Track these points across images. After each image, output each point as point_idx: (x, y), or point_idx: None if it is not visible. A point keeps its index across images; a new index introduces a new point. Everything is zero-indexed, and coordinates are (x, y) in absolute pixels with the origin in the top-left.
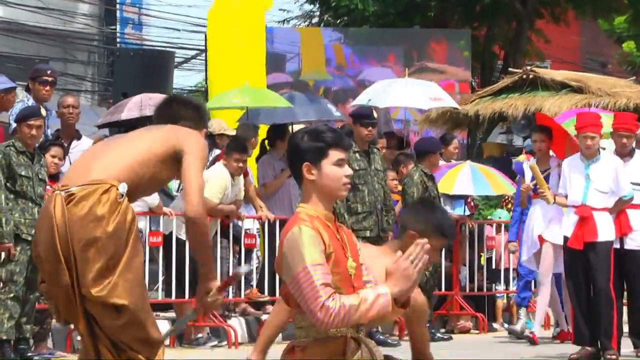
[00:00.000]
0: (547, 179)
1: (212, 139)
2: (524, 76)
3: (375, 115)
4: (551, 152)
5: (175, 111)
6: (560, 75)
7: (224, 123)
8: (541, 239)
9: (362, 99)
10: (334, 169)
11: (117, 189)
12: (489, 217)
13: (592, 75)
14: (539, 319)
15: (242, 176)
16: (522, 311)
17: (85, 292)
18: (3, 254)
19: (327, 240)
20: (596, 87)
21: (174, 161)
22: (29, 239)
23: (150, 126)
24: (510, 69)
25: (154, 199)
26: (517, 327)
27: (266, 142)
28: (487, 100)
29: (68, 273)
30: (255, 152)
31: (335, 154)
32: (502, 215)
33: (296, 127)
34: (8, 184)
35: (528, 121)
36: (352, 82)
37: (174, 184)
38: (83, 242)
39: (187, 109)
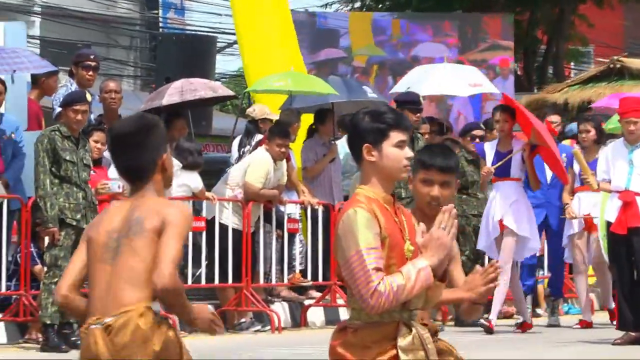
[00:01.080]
0: (510, 161)
1: (255, 124)
2: (611, 65)
3: (422, 100)
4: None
5: (135, 161)
6: None
7: (266, 108)
8: (502, 225)
9: (401, 86)
10: (395, 150)
11: (152, 309)
12: None
13: None
14: (496, 307)
15: (284, 161)
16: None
17: None
18: (47, 239)
19: (384, 223)
20: None
21: None
22: (74, 223)
23: (128, 235)
24: (598, 59)
25: (197, 183)
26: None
27: (313, 127)
28: (576, 89)
29: None
30: (302, 137)
31: (396, 136)
32: None
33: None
34: (53, 169)
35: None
36: (406, 57)
37: (234, 154)
38: None
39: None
